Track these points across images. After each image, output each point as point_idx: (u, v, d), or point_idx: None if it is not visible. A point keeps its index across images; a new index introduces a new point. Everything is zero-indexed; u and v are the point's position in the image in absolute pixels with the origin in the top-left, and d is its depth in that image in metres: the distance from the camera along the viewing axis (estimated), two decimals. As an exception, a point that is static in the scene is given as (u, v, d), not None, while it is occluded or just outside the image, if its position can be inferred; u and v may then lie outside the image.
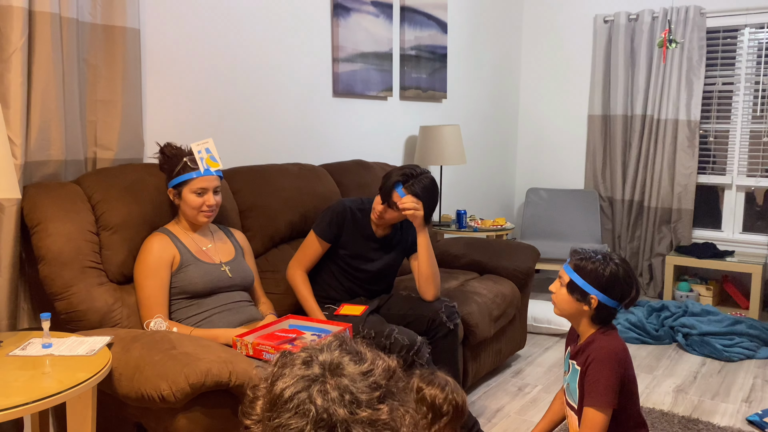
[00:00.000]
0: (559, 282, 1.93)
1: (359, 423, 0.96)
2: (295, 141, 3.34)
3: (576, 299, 1.87)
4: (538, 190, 5.20)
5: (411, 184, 2.41)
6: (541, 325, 3.96)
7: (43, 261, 2.07)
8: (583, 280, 1.85)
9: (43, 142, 2.19)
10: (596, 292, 1.84)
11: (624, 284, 1.84)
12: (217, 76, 2.92)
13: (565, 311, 1.92)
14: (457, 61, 4.58)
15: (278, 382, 0.98)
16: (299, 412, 0.94)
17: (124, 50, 2.42)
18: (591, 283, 1.84)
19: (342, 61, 3.51)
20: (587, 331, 1.91)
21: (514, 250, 3.48)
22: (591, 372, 1.83)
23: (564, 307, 1.91)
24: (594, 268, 1.84)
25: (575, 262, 1.89)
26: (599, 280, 1.84)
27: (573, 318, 1.92)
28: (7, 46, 2.05)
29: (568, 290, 1.89)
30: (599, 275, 1.84)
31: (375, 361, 1.04)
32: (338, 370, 0.98)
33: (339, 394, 0.96)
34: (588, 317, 1.89)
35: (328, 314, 2.50)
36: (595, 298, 1.85)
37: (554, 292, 1.93)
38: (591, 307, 1.86)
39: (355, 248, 2.55)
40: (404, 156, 4.16)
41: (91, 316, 2.08)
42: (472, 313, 2.88)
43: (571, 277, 1.88)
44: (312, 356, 1.00)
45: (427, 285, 2.51)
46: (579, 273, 1.86)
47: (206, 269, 2.28)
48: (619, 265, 1.85)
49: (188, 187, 2.27)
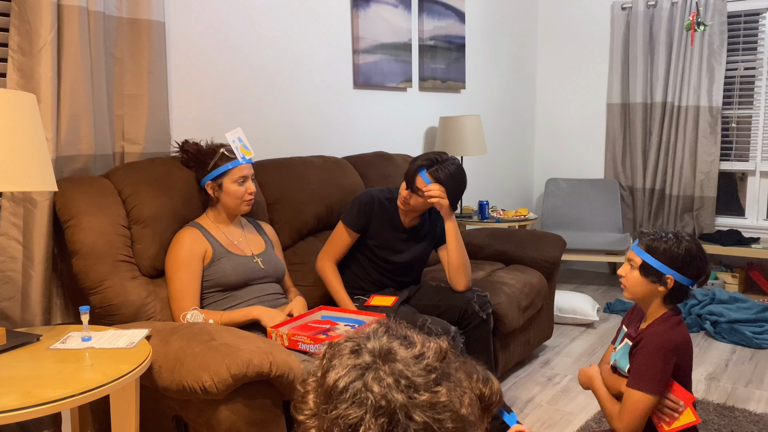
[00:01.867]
0: (629, 265, 1.90)
1: (419, 407, 0.94)
2: (316, 133, 3.32)
3: (651, 281, 1.84)
4: (557, 181, 5.16)
5: (435, 169, 2.37)
6: (566, 315, 3.93)
7: (77, 255, 2.06)
8: (657, 260, 1.82)
9: (72, 137, 2.18)
10: (672, 271, 1.81)
11: (699, 261, 1.81)
12: (240, 69, 2.90)
13: (637, 294, 1.88)
14: (476, 51, 4.54)
15: (330, 374, 0.96)
16: (356, 402, 0.93)
17: (149, 43, 2.41)
18: (666, 263, 1.81)
19: (362, 53, 3.49)
20: (657, 312, 1.88)
21: (539, 239, 3.45)
22: (641, 354, 1.80)
23: (637, 290, 1.88)
24: (668, 248, 1.81)
25: (647, 243, 1.85)
26: (675, 259, 1.81)
27: (645, 300, 1.89)
28: (37, 40, 2.04)
29: (641, 272, 1.85)
30: (674, 254, 1.81)
31: (425, 344, 1.02)
32: (390, 356, 0.96)
33: (395, 380, 0.94)
34: (661, 298, 1.86)
35: (358, 305, 2.49)
36: (671, 278, 1.81)
37: (624, 276, 1.90)
38: (666, 288, 1.83)
39: (383, 239, 2.52)
40: (424, 147, 4.13)
41: (125, 309, 2.08)
42: (501, 303, 2.86)
43: (643, 258, 1.84)
44: (360, 344, 0.99)
45: (458, 275, 2.48)
46: (652, 254, 1.83)
47: (239, 261, 2.27)
48: (691, 241, 1.82)
49: (229, 178, 2.26)
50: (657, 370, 1.78)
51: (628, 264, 1.91)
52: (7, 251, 2.08)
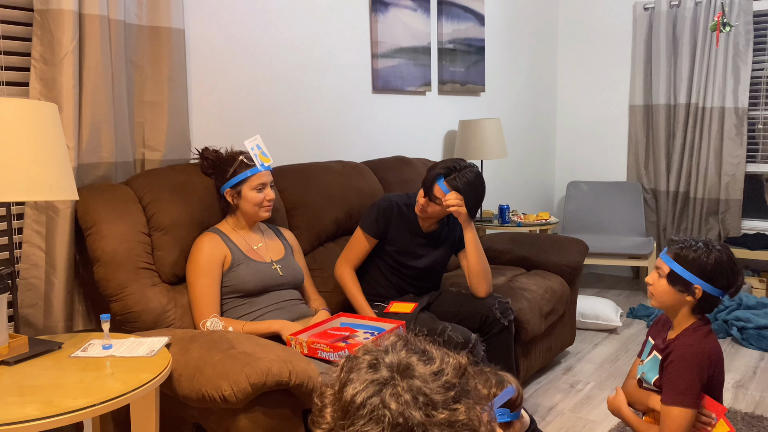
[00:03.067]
0: (657, 273, 1.86)
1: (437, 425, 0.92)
2: (335, 138, 3.32)
3: (678, 290, 1.80)
4: (579, 184, 5.10)
5: (453, 177, 2.35)
6: (588, 320, 3.87)
7: (98, 263, 2.07)
8: (685, 269, 1.78)
9: (94, 145, 2.20)
10: (700, 281, 1.77)
11: (729, 272, 1.77)
12: (259, 75, 2.91)
13: (665, 303, 1.84)
14: (495, 54, 4.51)
15: (347, 388, 0.95)
16: (374, 418, 0.91)
17: (169, 51, 2.42)
18: (694, 272, 1.77)
19: (381, 57, 3.48)
20: (685, 322, 1.84)
21: (561, 244, 3.40)
22: (674, 368, 1.76)
23: (664, 299, 1.84)
24: (697, 257, 1.77)
25: (675, 251, 1.81)
26: (703, 268, 1.76)
27: (672, 309, 1.85)
28: (59, 49, 2.06)
29: (668, 281, 1.81)
30: (703, 264, 1.76)
31: (444, 360, 1.00)
32: (408, 372, 0.94)
33: (412, 397, 0.92)
34: (689, 308, 1.82)
35: (377, 312, 2.47)
36: (699, 288, 1.77)
37: (652, 284, 1.86)
38: (695, 298, 1.79)
39: (402, 244, 2.51)
40: (444, 151, 4.11)
41: (146, 316, 2.08)
42: (523, 309, 2.82)
43: (671, 267, 1.80)
44: (378, 359, 0.97)
45: (479, 281, 2.46)
46: (680, 262, 1.79)
47: (257, 268, 2.27)
48: (722, 251, 1.77)
49: (248, 185, 2.27)
50: (693, 382, 1.73)
51: (656, 272, 1.87)
52: (30, 258, 2.10)
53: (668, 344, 1.84)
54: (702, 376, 1.75)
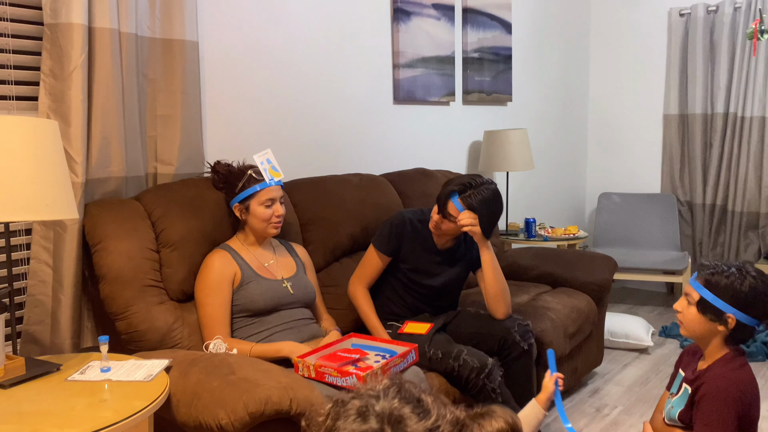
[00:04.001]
0: (686, 300, 1.72)
1: None
2: (355, 150, 3.25)
3: (709, 319, 1.67)
4: (610, 195, 4.93)
5: (468, 195, 2.25)
6: (618, 339, 3.72)
7: (103, 280, 2.04)
8: (717, 297, 1.65)
9: (103, 159, 2.17)
10: (734, 310, 1.63)
11: (765, 299, 1.63)
12: (276, 87, 2.86)
13: (695, 332, 1.71)
14: (523, 62, 4.39)
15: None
16: None
17: (183, 64, 2.38)
18: (727, 300, 1.64)
19: (402, 67, 3.40)
20: (716, 353, 1.70)
21: (589, 260, 3.27)
22: (706, 404, 1.63)
23: (694, 328, 1.71)
24: (729, 284, 1.63)
25: (706, 277, 1.68)
26: (737, 296, 1.63)
27: (703, 339, 1.72)
28: (68, 63, 2.03)
29: (699, 309, 1.68)
30: (737, 291, 1.63)
31: (441, 413, 0.91)
32: (400, 426, 0.86)
33: None
34: (722, 338, 1.68)
35: (391, 332, 2.38)
36: (732, 317, 1.64)
37: (680, 311, 1.73)
38: (727, 327, 1.65)
39: (416, 262, 2.42)
40: (468, 162, 4.01)
41: (151, 335, 2.04)
42: (546, 330, 2.70)
43: (701, 294, 1.67)
44: (368, 406, 0.88)
45: (496, 303, 2.35)
46: (711, 289, 1.66)
47: (267, 286, 2.21)
48: (757, 277, 1.63)
49: (256, 200, 2.21)
50: (726, 419, 1.60)
51: (684, 299, 1.74)
52: (37, 275, 2.07)
53: (699, 375, 1.72)
54: (736, 412, 1.62)
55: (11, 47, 2.06)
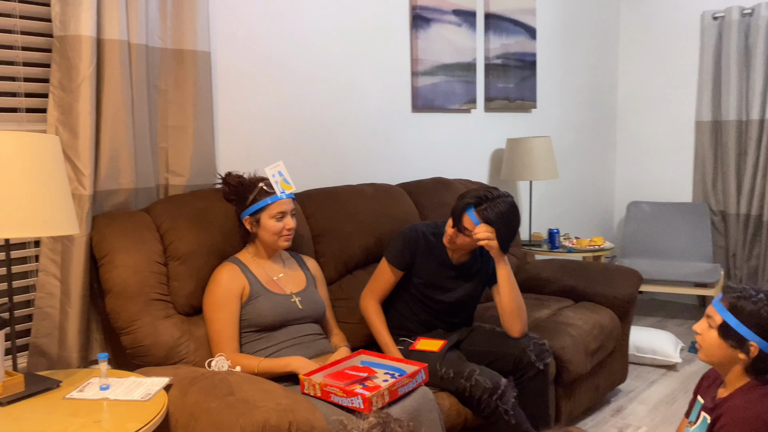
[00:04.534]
0: (707, 322, 1.63)
1: None
2: (372, 159, 3.20)
3: (730, 345, 1.58)
4: (640, 204, 4.79)
5: (484, 208, 2.17)
6: (644, 355, 3.59)
7: (109, 294, 2.02)
8: (740, 323, 1.55)
9: (112, 171, 2.16)
10: (758, 339, 1.54)
11: None
12: (290, 97, 2.82)
13: (713, 358, 1.62)
14: (548, 68, 4.29)
15: None
16: None
17: (194, 74, 2.36)
18: (751, 327, 1.54)
19: (421, 75, 3.34)
20: (736, 382, 1.60)
21: (613, 274, 3.16)
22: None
23: (713, 353, 1.61)
24: (756, 310, 1.54)
25: (731, 300, 1.58)
26: (763, 324, 1.53)
27: (722, 366, 1.62)
28: (76, 75, 2.03)
29: (720, 334, 1.59)
30: (763, 319, 1.53)
31: None
32: None
33: None
34: (742, 366, 1.58)
35: (403, 348, 2.32)
36: (755, 345, 1.54)
37: (700, 334, 1.64)
38: (749, 356, 1.56)
39: (429, 276, 2.35)
40: (490, 171, 3.92)
41: (156, 351, 2.01)
42: (566, 347, 2.61)
43: (724, 318, 1.58)
44: None
45: (512, 321, 2.27)
46: (736, 314, 1.56)
47: (276, 301, 2.17)
48: None
49: (267, 213, 2.18)
50: None
51: (706, 320, 1.64)
52: (45, 287, 2.07)
53: (718, 404, 1.61)
54: None
55: (21, 60, 2.06)
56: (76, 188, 2.05)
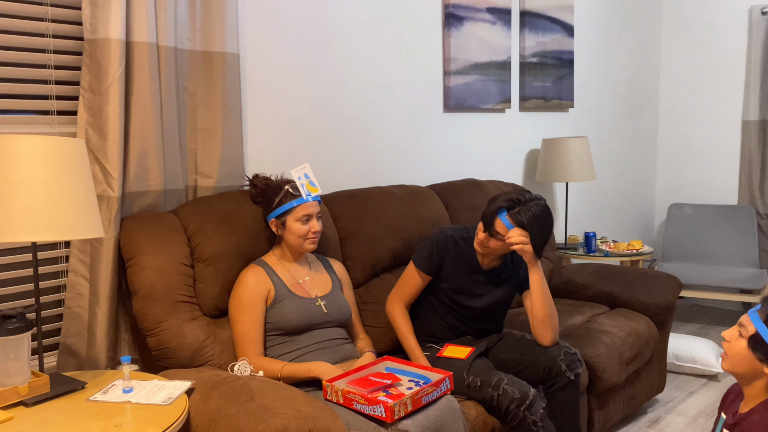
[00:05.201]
0: (738, 331, 1.55)
1: None
2: (402, 160, 3.16)
3: (758, 358, 1.50)
4: (682, 206, 4.63)
5: (517, 211, 2.12)
6: (684, 364, 3.46)
7: (136, 295, 2.03)
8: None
9: (141, 173, 2.17)
10: None
11: None
12: (320, 98, 2.80)
13: (737, 368, 1.54)
14: (586, 66, 4.18)
15: None
16: None
17: (223, 76, 2.36)
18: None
19: (453, 74, 3.28)
20: (757, 397, 1.52)
21: (651, 280, 3.05)
22: None
23: (737, 364, 1.53)
24: None
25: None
26: None
27: (745, 378, 1.54)
28: (105, 78, 2.04)
29: (749, 344, 1.51)
30: None
31: None
32: None
33: None
34: (766, 382, 1.50)
35: (430, 355, 2.28)
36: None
37: (728, 341, 1.56)
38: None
39: (458, 282, 2.30)
40: (524, 173, 3.84)
41: (181, 353, 2.02)
42: (599, 356, 2.53)
43: (758, 329, 1.50)
44: None
45: (543, 328, 2.20)
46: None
47: (300, 304, 2.15)
48: None
49: (292, 216, 2.16)
50: None
51: (737, 329, 1.56)
52: (75, 288, 2.09)
53: (738, 421, 1.53)
54: None
55: (53, 63, 2.09)
56: (105, 190, 2.07)
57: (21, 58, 2.02)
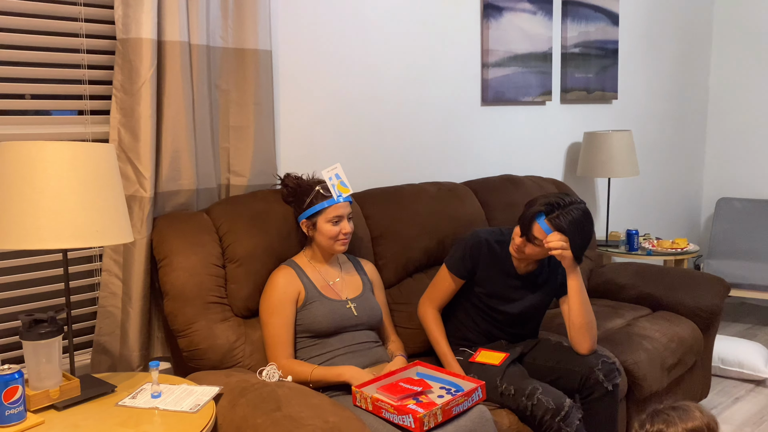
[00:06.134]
0: None
1: None
2: (438, 156, 3.09)
3: None
4: (731, 201, 4.45)
5: (556, 216, 2.04)
6: (730, 368, 3.33)
7: (167, 296, 2.04)
8: None
9: (174, 173, 2.16)
10: None
11: None
12: (354, 94, 2.75)
13: None
14: (631, 56, 4.02)
15: None
16: None
17: (256, 73, 2.33)
18: None
19: (492, 66, 3.19)
20: None
21: (696, 282, 2.93)
22: None
23: None
24: None
25: None
26: None
27: None
28: (137, 78, 2.03)
29: None
30: None
31: None
32: None
33: None
34: None
35: (462, 359, 2.23)
36: None
37: None
38: None
39: (492, 286, 2.24)
40: (565, 167, 3.73)
41: (212, 354, 2.02)
42: (639, 362, 2.44)
43: None
44: None
45: (581, 336, 2.13)
46: None
47: (331, 307, 2.13)
48: None
49: (323, 217, 2.13)
50: None
51: None
52: (108, 287, 2.11)
53: None
54: None
55: (86, 62, 2.09)
56: (137, 190, 2.07)
57: (55, 59, 2.03)
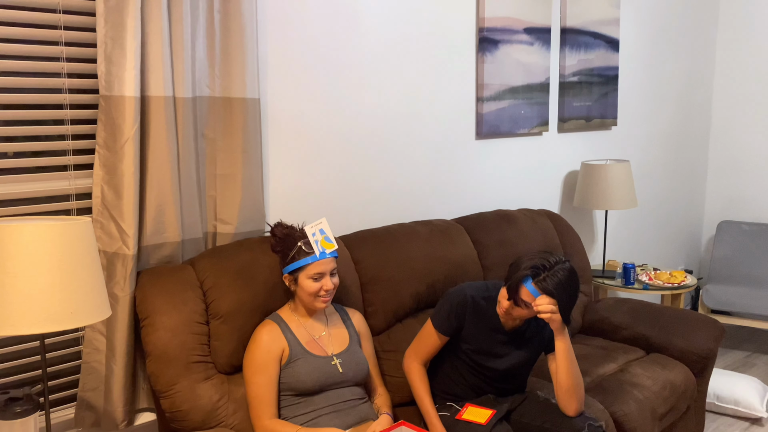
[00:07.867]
0: None
1: None
2: (431, 192, 3.06)
3: None
4: (733, 224, 4.40)
5: (543, 278, 2.01)
6: (726, 405, 3.30)
7: (149, 356, 2.02)
8: None
9: (158, 227, 2.15)
10: None
11: None
12: (344, 136, 2.72)
13: None
14: (631, 82, 3.96)
15: None
16: None
17: (243, 121, 2.31)
18: None
19: (486, 101, 3.15)
20: None
21: (690, 324, 2.90)
22: None
23: None
24: None
25: None
26: None
27: None
28: (120, 136, 2.01)
29: None
30: None
31: None
32: None
33: None
34: None
35: (449, 415, 2.21)
36: None
37: None
38: None
39: (479, 343, 2.21)
40: (561, 198, 3.69)
41: (194, 415, 2.01)
42: (630, 414, 2.42)
43: None
44: None
45: (568, 399, 2.11)
46: None
47: (315, 365, 2.11)
48: None
49: (304, 273, 2.11)
50: None
51: None
52: (92, 343, 2.10)
53: None
54: None
55: (70, 117, 2.07)
56: (120, 248, 2.05)
57: (38, 116, 2.01)
